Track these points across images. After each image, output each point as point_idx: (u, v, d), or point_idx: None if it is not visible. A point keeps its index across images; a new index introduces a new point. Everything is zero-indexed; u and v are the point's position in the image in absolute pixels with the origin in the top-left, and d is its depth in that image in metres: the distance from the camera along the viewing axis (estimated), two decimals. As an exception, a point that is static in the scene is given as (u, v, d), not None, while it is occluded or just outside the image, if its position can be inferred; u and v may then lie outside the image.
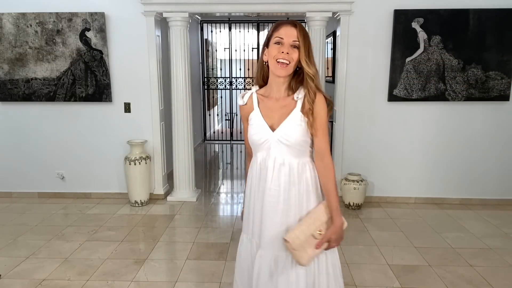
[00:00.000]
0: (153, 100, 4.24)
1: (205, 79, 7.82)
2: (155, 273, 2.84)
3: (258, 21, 7.47)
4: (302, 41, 1.49)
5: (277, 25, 1.53)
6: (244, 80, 7.76)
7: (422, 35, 3.93)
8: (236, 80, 7.68)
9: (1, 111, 4.31)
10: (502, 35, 3.91)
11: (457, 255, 3.10)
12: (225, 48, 7.77)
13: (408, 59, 3.98)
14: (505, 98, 4.03)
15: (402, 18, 3.92)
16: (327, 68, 5.49)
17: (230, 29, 7.50)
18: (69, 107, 4.28)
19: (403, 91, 4.04)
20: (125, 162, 4.13)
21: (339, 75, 4.15)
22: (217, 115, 9.01)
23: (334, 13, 4.04)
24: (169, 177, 4.64)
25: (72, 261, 3.00)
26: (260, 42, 7.64)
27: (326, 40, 4.87)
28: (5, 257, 3.05)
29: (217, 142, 8.08)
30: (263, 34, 7.67)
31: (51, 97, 4.20)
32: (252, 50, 7.70)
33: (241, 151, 7.29)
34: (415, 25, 3.92)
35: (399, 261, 3.01)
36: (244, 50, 7.67)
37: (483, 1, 3.89)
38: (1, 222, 3.76)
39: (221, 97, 8.84)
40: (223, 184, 5.27)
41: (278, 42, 1.50)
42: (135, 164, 4.09)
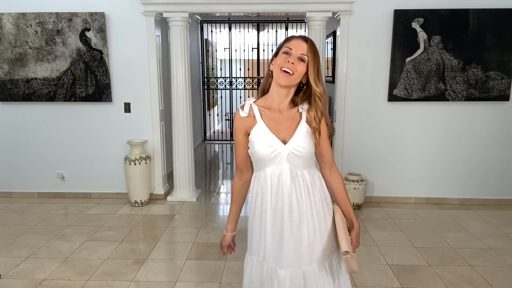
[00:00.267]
0: (153, 100, 4.24)
1: (205, 79, 7.82)
2: (155, 273, 2.84)
3: (258, 21, 7.47)
4: (312, 58, 1.49)
5: (289, 38, 1.54)
6: (244, 80, 7.77)
7: (422, 35, 3.93)
8: (236, 80, 7.68)
9: (1, 111, 4.32)
10: (502, 35, 3.91)
11: (457, 255, 3.10)
12: (225, 48, 7.77)
13: (408, 59, 3.98)
14: (505, 98, 4.03)
15: (402, 18, 3.92)
16: (327, 68, 5.49)
17: (230, 29, 7.50)
18: (69, 107, 4.28)
19: (403, 91, 4.04)
20: (125, 162, 4.13)
21: (339, 75, 4.15)
22: (217, 115, 9.01)
23: (334, 13, 4.04)
24: (169, 177, 4.64)
25: (72, 261, 3.00)
26: (260, 42, 7.64)
27: (326, 40, 4.87)
28: (5, 257, 3.05)
29: (217, 142, 8.08)
30: (263, 34, 7.68)
31: (51, 97, 4.20)
32: (252, 50, 7.70)
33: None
34: (415, 25, 3.92)
35: (399, 261, 3.01)
36: (244, 50, 7.67)
37: (483, 1, 3.89)
38: (1, 222, 3.76)
39: (221, 97, 8.85)
40: (223, 184, 5.27)
41: (286, 52, 1.49)
42: (135, 164, 4.09)
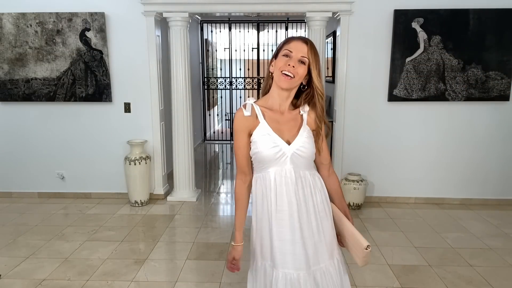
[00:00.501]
0: (153, 100, 4.24)
1: (205, 79, 7.82)
2: (155, 273, 2.84)
3: (258, 21, 7.47)
4: (313, 59, 1.49)
5: (288, 39, 1.54)
6: (244, 80, 7.77)
7: (422, 35, 3.93)
8: (236, 80, 7.68)
9: (1, 111, 4.32)
10: (502, 35, 3.91)
11: (457, 255, 3.10)
12: (225, 48, 7.77)
13: (408, 59, 3.98)
14: (505, 98, 4.03)
15: (402, 18, 3.92)
16: (327, 68, 5.49)
17: (230, 29, 7.50)
18: (69, 107, 4.28)
19: (403, 91, 4.04)
20: (125, 162, 4.13)
21: (339, 75, 4.15)
22: (217, 115, 9.01)
23: (334, 13, 4.04)
24: (169, 177, 4.64)
25: (72, 261, 3.00)
26: (260, 42, 7.64)
27: (326, 40, 4.87)
28: (5, 257, 3.05)
29: (217, 142, 8.08)
30: (263, 34, 7.68)
31: (51, 97, 4.20)
32: (252, 50, 7.70)
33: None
34: (415, 25, 3.92)
35: (399, 261, 3.01)
36: (244, 50, 7.67)
37: (483, 1, 3.89)
38: (1, 222, 3.76)
39: (221, 97, 8.85)
40: (223, 184, 5.27)
41: (287, 55, 1.49)
42: (135, 164, 4.09)
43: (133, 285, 2.68)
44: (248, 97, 1.67)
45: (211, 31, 7.92)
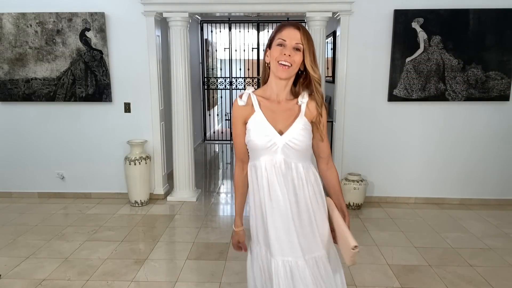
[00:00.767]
0: (153, 100, 4.24)
1: (205, 79, 7.82)
2: (155, 273, 2.84)
3: (258, 21, 7.47)
4: (307, 45, 1.48)
5: (280, 27, 1.52)
6: (244, 80, 7.77)
7: (422, 35, 3.93)
8: (236, 80, 7.68)
9: (1, 111, 4.31)
10: (502, 35, 3.91)
11: (457, 255, 3.10)
12: (225, 48, 7.77)
13: (408, 59, 3.98)
14: (505, 98, 4.03)
15: (402, 18, 3.92)
16: (327, 68, 5.49)
17: (230, 29, 7.50)
18: (69, 107, 4.28)
19: (403, 91, 4.04)
20: (125, 162, 4.13)
21: (339, 75, 4.15)
22: (217, 115, 9.01)
23: (334, 13, 4.04)
24: (169, 177, 4.64)
25: (72, 261, 3.00)
26: (260, 42, 7.64)
27: (326, 40, 4.87)
28: (5, 257, 3.05)
29: (217, 142, 8.08)
30: (263, 34, 7.68)
31: (51, 97, 4.20)
32: (252, 50, 7.70)
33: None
34: (415, 25, 3.92)
35: (399, 261, 3.01)
36: (244, 50, 7.67)
37: (483, 1, 3.89)
38: (1, 222, 3.76)
39: (221, 97, 8.85)
40: (223, 184, 5.27)
41: (281, 44, 1.47)
42: (135, 164, 4.09)
43: (133, 285, 2.68)
44: (248, 86, 1.67)
45: (211, 31, 7.92)
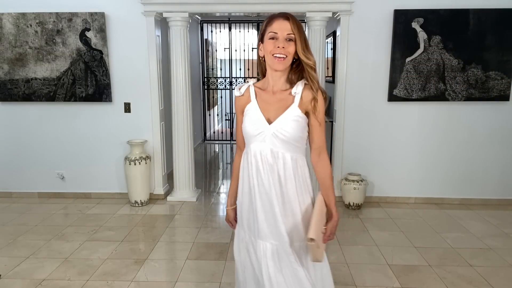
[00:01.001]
0: (153, 100, 4.24)
1: (205, 79, 7.82)
2: (155, 273, 2.84)
3: (258, 21, 7.47)
4: (298, 33, 1.50)
5: (270, 20, 1.54)
6: (244, 80, 7.76)
7: (422, 35, 3.93)
8: (236, 80, 7.68)
9: (1, 111, 4.31)
10: (502, 35, 3.91)
11: (457, 255, 3.10)
12: (225, 48, 7.77)
13: (408, 59, 3.98)
14: (505, 98, 4.03)
15: (402, 18, 3.92)
16: (327, 68, 5.49)
17: (230, 29, 7.50)
18: (69, 107, 4.28)
19: (403, 91, 4.04)
20: (125, 162, 4.13)
21: (339, 75, 4.15)
22: (217, 115, 9.01)
23: (334, 13, 4.04)
24: (169, 177, 4.64)
25: (72, 261, 3.00)
26: (260, 42, 7.63)
27: (326, 40, 4.87)
28: (5, 257, 3.05)
29: (217, 142, 8.08)
30: (263, 34, 7.66)
31: (51, 97, 4.20)
32: (252, 50, 7.70)
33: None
34: (415, 25, 3.92)
35: (399, 261, 3.01)
36: (244, 50, 7.67)
37: (483, 1, 3.89)
38: (1, 222, 3.76)
39: (221, 97, 8.85)
40: (223, 184, 5.27)
41: (273, 37, 1.50)
42: (135, 164, 4.09)
43: (133, 285, 2.68)
44: (250, 78, 1.74)
45: (211, 31, 7.92)
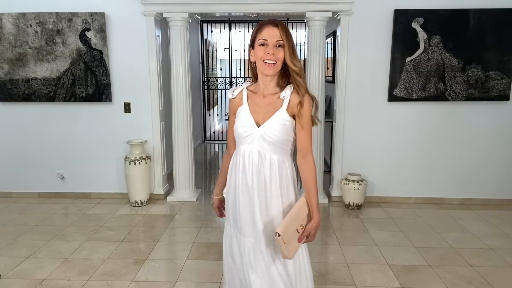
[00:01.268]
0: (153, 100, 4.24)
1: (205, 79, 7.82)
2: (155, 273, 2.84)
3: (258, 21, 7.45)
4: (286, 40, 1.56)
5: (260, 27, 1.60)
6: (244, 80, 7.76)
7: (422, 35, 3.93)
8: (236, 80, 7.68)
9: (1, 111, 4.31)
10: (502, 35, 3.91)
11: (457, 255, 3.10)
12: (225, 48, 7.77)
13: (408, 59, 3.98)
14: (505, 98, 4.03)
15: (402, 18, 3.92)
16: (327, 68, 5.48)
17: (230, 29, 7.50)
18: (69, 107, 4.28)
19: (403, 91, 4.04)
20: (125, 162, 4.13)
21: (339, 75, 4.15)
22: (217, 115, 9.01)
23: (334, 13, 4.04)
24: (169, 177, 4.64)
25: (72, 261, 3.00)
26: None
27: (326, 40, 4.87)
28: (5, 257, 3.05)
29: (217, 142, 8.08)
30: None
31: (51, 97, 4.20)
32: (252, 50, 7.69)
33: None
34: (415, 25, 3.92)
35: (399, 261, 3.01)
36: (244, 50, 7.66)
37: (483, 1, 3.89)
38: (1, 222, 3.76)
39: (221, 97, 8.84)
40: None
41: (263, 44, 1.57)
42: (135, 164, 4.09)
43: (133, 285, 2.68)
44: (250, 78, 1.79)
45: (211, 31, 7.92)
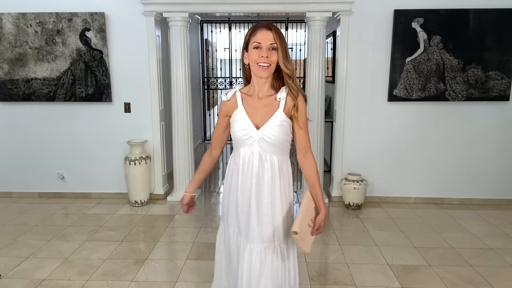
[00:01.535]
0: (153, 100, 4.24)
1: (205, 79, 7.82)
2: (155, 273, 2.84)
3: (258, 21, 7.46)
4: (279, 43, 1.59)
5: (253, 30, 1.62)
6: (244, 80, 7.75)
7: (422, 35, 3.93)
8: (236, 80, 7.67)
9: (1, 111, 4.31)
10: (502, 35, 3.91)
11: (457, 255, 3.10)
12: (225, 48, 7.76)
13: (408, 59, 3.98)
14: (505, 98, 4.03)
15: (402, 18, 3.92)
16: (327, 68, 5.48)
17: (230, 29, 7.50)
18: (69, 107, 4.28)
19: (403, 91, 4.04)
20: (125, 162, 4.13)
21: (339, 75, 4.15)
22: (217, 115, 9.00)
23: (334, 13, 4.04)
24: (169, 177, 4.64)
25: (72, 261, 3.00)
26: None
27: (326, 40, 4.87)
28: (5, 257, 3.05)
29: (217, 142, 8.06)
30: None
31: (51, 97, 4.20)
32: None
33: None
34: (415, 25, 3.92)
35: (399, 261, 3.01)
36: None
37: (483, 1, 3.89)
38: (1, 222, 3.76)
39: (221, 97, 8.84)
40: (223, 184, 5.26)
41: (257, 47, 1.59)
42: (135, 164, 4.09)
43: (133, 285, 2.68)
44: (236, 85, 1.80)
45: (211, 31, 7.91)
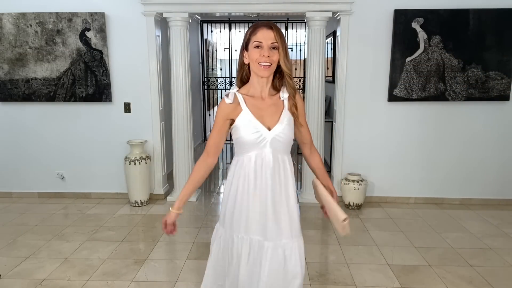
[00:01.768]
0: (153, 100, 4.24)
1: (205, 79, 7.82)
2: (155, 273, 2.84)
3: (258, 21, 7.44)
4: (280, 43, 1.58)
5: (254, 29, 1.61)
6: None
7: (422, 35, 3.93)
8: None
9: (1, 111, 4.31)
10: (502, 35, 3.91)
11: (457, 255, 3.11)
12: (225, 48, 7.76)
13: (408, 59, 3.98)
14: (505, 98, 4.03)
15: (402, 18, 3.92)
16: (327, 68, 5.48)
17: (230, 29, 7.50)
18: (69, 107, 4.28)
19: (403, 91, 4.04)
20: (125, 162, 4.13)
21: (339, 75, 4.15)
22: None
23: (334, 13, 4.04)
24: (169, 177, 4.64)
25: (72, 261, 3.00)
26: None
27: (326, 40, 4.87)
28: (5, 257, 3.05)
29: (217, 142, 8.06)
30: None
31: (51, 97, 4.20)
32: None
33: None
34: (415, 25, 3.92)
35: (399, 261, 3.01)
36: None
37: (483, 1, 3.89)
38: (1, 222, 3.76)
39: (221, 97, 8.84)
40: (223, 184, 5.27)
41: (258, 46, 1.58)
42: (135, 164, 4.09)
43: (133, 285, 2.68)
44: (231, 86, 1.80)
45: (211, 31, 7.91)
